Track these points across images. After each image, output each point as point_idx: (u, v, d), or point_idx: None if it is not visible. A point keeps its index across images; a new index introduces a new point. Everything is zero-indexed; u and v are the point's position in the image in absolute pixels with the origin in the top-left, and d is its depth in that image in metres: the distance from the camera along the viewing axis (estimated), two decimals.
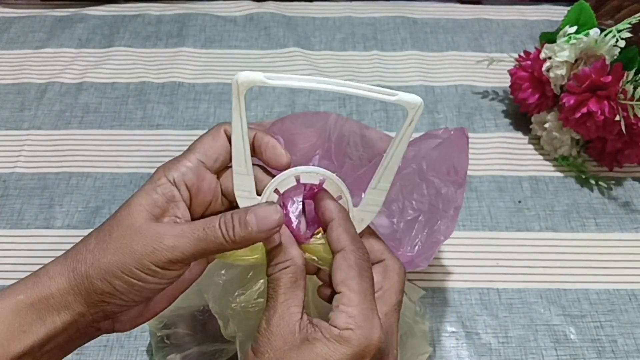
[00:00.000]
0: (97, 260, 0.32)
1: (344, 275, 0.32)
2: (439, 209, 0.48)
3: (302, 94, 0.76)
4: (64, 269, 0.32)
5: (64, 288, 0.32)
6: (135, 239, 0.31)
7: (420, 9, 0.89)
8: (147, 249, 0.31)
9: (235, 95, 0.32)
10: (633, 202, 0.66)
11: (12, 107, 0.75)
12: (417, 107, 0.32)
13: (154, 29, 0.85)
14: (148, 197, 0.33)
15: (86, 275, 0.32)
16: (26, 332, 0.31)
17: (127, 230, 0.32)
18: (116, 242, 0.32)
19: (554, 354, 0.55)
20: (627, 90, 0.61)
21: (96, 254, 0.32)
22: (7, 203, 0.65)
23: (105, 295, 0.32)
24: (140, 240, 0.31)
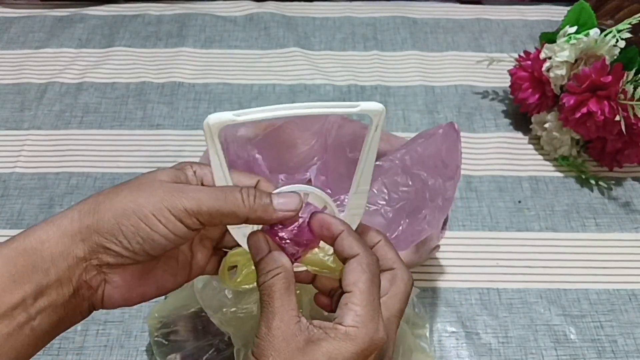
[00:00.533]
0: (109, 199, 0.32)
1: (357, 277, 0.33)
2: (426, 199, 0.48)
3: (302, 95, 0.76)
4: (67, 213, 0.32)
5: (63, 230, 0.31)
6: (157, 186, 0.32)
7: (420, 9, 0.89)
8: (167, 195, 0.32)
9: (209, 137, 0.32)
10: (633, 202, 0.66)
11: (12, 107, 0.75)
12: (379, 113, 0.34)
13: (154, 29, 0.85)
14: (173, 170, 0.34)
15: (94, 211, 0.32)
16: (16, 282, 0.30)
17: (145, 180, 0.33)
18: (136, 188, 0.32)
19: (554, 354, 0.55)
20: (627, 90, 0.61)
21: (110, 194, 0.32)
22: (7, 203, 0.65)
23: (108, 237, 0.31)
24: (160, 188, 0.32)
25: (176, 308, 0.50)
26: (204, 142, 0.74)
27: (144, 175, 0.34)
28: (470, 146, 0.71)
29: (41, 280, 0.31)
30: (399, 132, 0.72)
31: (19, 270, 0.30)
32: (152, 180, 0.33)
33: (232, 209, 0.32)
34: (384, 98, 0.76)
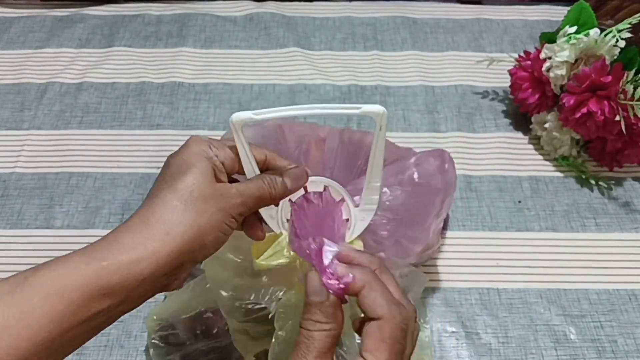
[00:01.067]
0: (192, 220, 0.34)
1: (375, 346, 0.33)
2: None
3: (302, 94, 0.76)
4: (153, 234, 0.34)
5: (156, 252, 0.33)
6: (219, 199, 0.36)
7: (420, 9, 0.89)
8: (229, 204, 0.36)
9: (234, 132, 0.38)
10: (633, 202, 0.66)
11: (12, 107, 0.75)
12: (381, 115, 0.39)
13: (154, 29, 0.85)
14: (207, 164, 0.37)
15: (182, 235, 0.34)
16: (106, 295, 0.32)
17: (209, 192, 0.36)
18: (204, 204, 0.35)
19: (554, 354, 0.55)
20: (627, 90, 0.61)
21: (189, 215, 0.34)
22: (7, 203, 0.65)
23: (195, 253, 0.35)
24: (222, 199, 0.36)
25: (175, 311, 0.50)
26: None
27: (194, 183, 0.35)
28: (470, 146, 0.71)
29: (129, 294, 0.33)
30: (399, 132, 0.72)
31: (111, 286, 0.32)
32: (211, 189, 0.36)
33: (264, 197, 0.38)
34: (384, 98, 0.76)
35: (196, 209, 0.35)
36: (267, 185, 0.39)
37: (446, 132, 0.72)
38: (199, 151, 0.37)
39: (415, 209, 0.49)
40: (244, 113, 0.38)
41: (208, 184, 0.36)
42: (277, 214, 0.40)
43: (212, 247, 0.36)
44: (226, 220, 0.36)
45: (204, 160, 0.37)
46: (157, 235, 0.34)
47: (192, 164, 0.36)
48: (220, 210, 0.36)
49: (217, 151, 0.38)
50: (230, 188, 0.37)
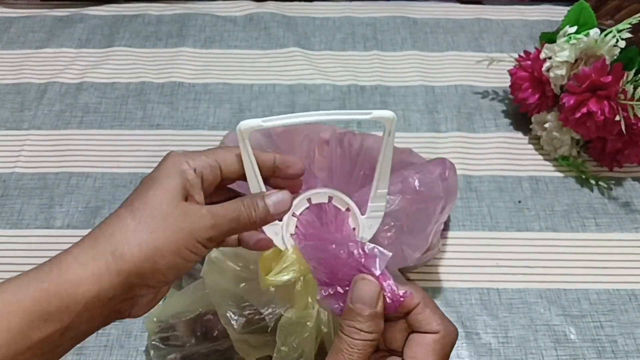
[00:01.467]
0: (142, 240, 0.32)
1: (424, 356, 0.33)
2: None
3: (302, 94, 0.76)
4: (98, 253, 0.32)
5: (98, 274, 0.31)
6: (181, 218, 0.33)
7: (420, 9, 0.89)
8: (194, 226, 0.33)
9: (241, 140, 0.36)
10: (633, 202, 0.66)
11: (12, 107, 0.75)
12: (391, 120, 0.38)
13: (154, 29, 0.85)
14: (176, 181, 0.34)
15: (130, 256, 0.32)
16: (47, 321, 0.30)
17: (170, 210, 0.33)
18: (162, 222, 0.32)
19: (554, 354, 0.55)
20: (627, 90, 0.61)
21: (141, 233, 0.32)
22: (7, 203, 0.65)
23: (145, 277, 0.32)
24: (185, 219, 0.33)
25: (176, 313, 0.49)
26: (204, 142, 0.75)
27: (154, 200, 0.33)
28: (470, 146, 0.71)
29: (72, 320, 0.31)
30: (399, 132, 0.72)
31: (51, 311, 0.30)
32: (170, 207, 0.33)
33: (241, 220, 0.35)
34: (384, 98, 0.76)
35: (150, 228, 0.32)
36: (246, 207, 0.36)
37: (446, 132, 0.72)
38: (170, 166, 0.35)
39: (417, 216, 0.49)
40: (252, 120, 0.36)
41: (170, 202, 0.33)
42: (281, 229, 0.39)
43: (168, 272, 0.33)
44: (188, 245, 0.33)
45: (173, 176, 0.34)
46: (101, 255, 0.31)
47: (159, 180, 0.34)
48: (180, 231, 0.33)
49: (194, 163, 0.35)
50: (200, 209, 0.34)
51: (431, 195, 0.50)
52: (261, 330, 0.44)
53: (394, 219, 0.48)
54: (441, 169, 0.51)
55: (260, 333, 0.45)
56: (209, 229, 0.34)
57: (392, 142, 0.38)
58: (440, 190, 0.50)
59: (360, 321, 0.33)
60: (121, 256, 0.32)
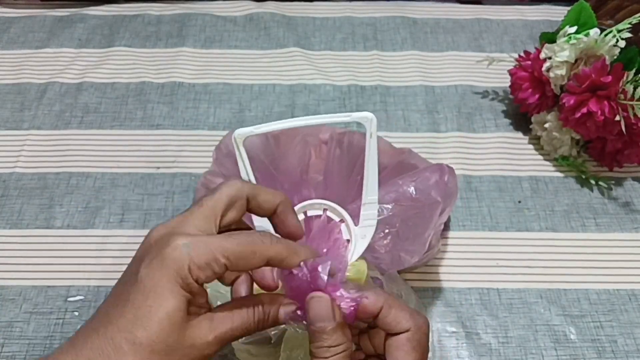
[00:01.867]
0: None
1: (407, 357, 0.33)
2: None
3: (302, 94, 0.76)
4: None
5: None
6: (185, 352, 0.30)
7: (420, 9, 0.89)
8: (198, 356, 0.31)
9: (236, 147, 0.39)
10: (633, 202, 0.66)
11: (12, 107, 0.75)
12: (370, 120, 0.39)
13: (154, 29, 0.85)
14: (182, 301, 0.30)
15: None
16: None
17: (175, 345, 0.30)
18: (169, 355, 0.30)
19: (554, 354, 0.55)
20: (627, 90, 0.61)
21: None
22: (7, 203, 0.65)
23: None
24: (190, 352, 0.30)
25: None
26: (204, 142, 0.75)
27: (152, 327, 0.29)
28: (470, 146, 0.71)
29: None
30: (399, 132, 0.72)
31: None
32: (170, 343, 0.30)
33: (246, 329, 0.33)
34: (384, 98, 0.76)
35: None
36: (256, 321, 0.33)
37: (446, 132, 0.72)
38: (174, 277, 0.30)
39: (413, 222, 0.49)
40: (245, 129, 0.39)
41: (176, 335, 0.30)
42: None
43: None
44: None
45: (177, 294, 0.30)
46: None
47: (162, 298, 0.29)
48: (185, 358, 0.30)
49: (201, 276, 0.30)
50: (207, 333, 0.31)
51: (428, 202, 0.49)
52: (264, 341, 0.44)
53: (389, 225, 0.48)
54: (439, 175, 0.51)
55: (262, 344, 0.44)
56: (214, 353, 0.32)
57: (375, 144, 0.39)
58: (437, 196, 0.50)
59: (325, 339, 0.32)
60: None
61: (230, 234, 0.32)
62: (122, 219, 0.64)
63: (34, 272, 0.59)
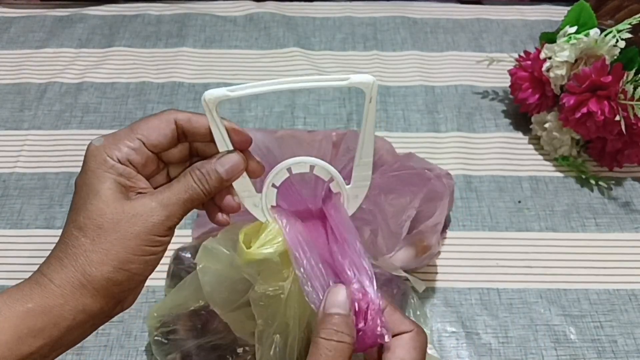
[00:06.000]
0: (105, 256, 0.32)
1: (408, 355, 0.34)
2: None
3: (302, 95, 0.76)
4: (71, 276, 0.32)
5: (77, 294, 0.32)
6: (131, 221, 0.33)
7: (420, 9, 0.89)
8: (148, 225, 0.33)
9: (208, 111, 0.35)
10: (633, 202, 0.66)
11: (12, 107, 0.75)
12: (370, 85, 0.35)
13: (154, 29, 0.85)
14: (109, 180, 0.33)
15: (100, 274, 0.32)
16: (36, 337, 0.31)
17: (118, 217, 0.32)
18: (115, 232, 0.32)
19: (554, 354, 0.55)
20: (627, 90, 0.61)
21: (101, 251, 0.32)
22: (7, 203, 0.65)
23: (124, 283, 0.33)
24: (137, 221, 0.33)
25: (175, 307, 0.49)
26: None
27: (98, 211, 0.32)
28: (470, 146, 0.71)
29: (63, 334, 0.32)
30: (399, 132, 0.72)
31: (39, 327, 0.31)
32: (118, 214, 0.32)
33: (195, 198, 0.34)
34: (384, 98, 0.76)
35: (106, 242, 0.32)
36: (198, 182, 0.35)
37: (446, 132, 0.72)
38: (96, 167, 0.34)
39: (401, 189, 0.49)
40: (218, 90, 0.34)
41: (113, 209, 0.32)
42: (260, 201, 0.37)
43: (143, 271, 0.34)
44: (150, 243, 0.33)
45: (103, 178, 0.33)
46: (74, 277, 0.32)
47: (91, 186, 0.33)
48: (137, 235, 0.32)
49: (117, 153, 0.34)
50: (149, 201, 0.33)
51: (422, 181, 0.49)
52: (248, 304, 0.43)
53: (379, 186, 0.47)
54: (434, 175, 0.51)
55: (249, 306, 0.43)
56: (165, 220, 0.33)
57: (374, 109, 0.37)
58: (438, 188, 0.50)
59: (336, 323, 0.33)
60: (92, 277, 0.32)
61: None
62: None
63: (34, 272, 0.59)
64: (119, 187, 0.33)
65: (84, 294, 0.32)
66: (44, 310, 0.31)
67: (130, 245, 0.32)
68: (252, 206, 0.37)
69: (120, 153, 0.34)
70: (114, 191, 0.33)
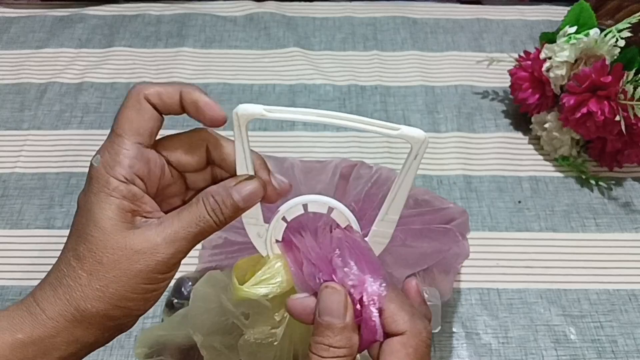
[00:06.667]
0: (102, 293, 0.30)
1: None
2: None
3: (302, 95, 0.76)
4: (64, 309, 0.30)
5: (70, 327, 0.30)
6: (133, 258, 0.30)
7: (420, 9, 0.89)
8: (151, 263, 0.30)
9: (237, 127, 0.32)
10: (633, 202, 0.66)
11: (12, 107, 0.75)
12: (420, 142, 0.31)
13: (154, 29, 0.85)
14: (112, 206, 0.30)
15: (95, 310, 0.30)
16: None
17: (119, 253, 0.30)
18: (114, 269, 0.30)
19: (554, 354, 0.55)
20: (627, 90, 0.61)
21: (98, 288, 0.30)
22: (7, 203, 0.65)
23: (121, 319, 0.32)
24: (139, 258, 0.30)
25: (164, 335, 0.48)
26: None
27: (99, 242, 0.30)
28: (470, 146, 0.71)
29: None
30: None
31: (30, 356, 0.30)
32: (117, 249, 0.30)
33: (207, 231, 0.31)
34: (384, 98, 0.76)
35: (105, 279, 0.30)
36: (212, 213, 0.31)
37: (446, 132, 0.72)
38: (99, 189, 0.31)
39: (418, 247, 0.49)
40: (253, 106, 0.31)
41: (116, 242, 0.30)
42: (266, 232, 0.34)
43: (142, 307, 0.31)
44: (150, 282, 0.30)
45: (107, 203, 0.30)
46: (66, 309, 0.30)
47: (94, 213, 0.30)
48: (138, 273, 0.30)
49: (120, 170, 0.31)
50: (155, 236, 0.30)
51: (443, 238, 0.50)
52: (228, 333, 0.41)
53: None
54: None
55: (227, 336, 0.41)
56: (170, 258, 0.30)
57: (417, 167, 0.32)
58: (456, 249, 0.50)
59: (329, 336, 0.29)
60: (87, 312, 0.30)
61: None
62: None
63: (34, 272, 0.59)
64: (121, 213, 0.30)
65: (77, 327, 0.30)
66: (34, 341, 0.30)
67: (130, 284, 0.30)
68: (256, 236, 0.34)
69: (123, 169, 0.31)
70: (116, 221, 0.30)
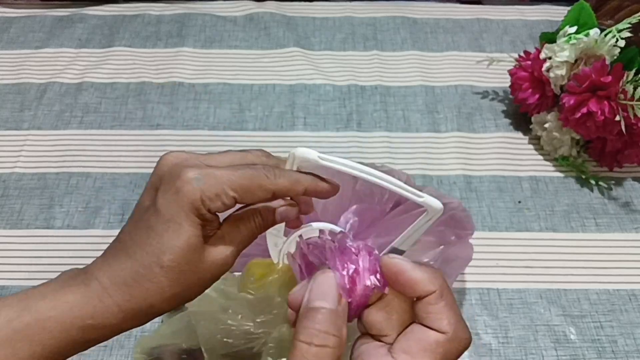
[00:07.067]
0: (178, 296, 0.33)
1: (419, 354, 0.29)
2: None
3: (302, 95, 0.76)
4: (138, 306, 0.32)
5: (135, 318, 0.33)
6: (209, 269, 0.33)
7: (420, 9, 0.89)
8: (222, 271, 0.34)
9: (289, 164, 0.35)
10: (633, 202, 0.66)
11: (12, 107, 0.74)
12: (437, 211, 0.36)
13: (154, 29, 0.85)
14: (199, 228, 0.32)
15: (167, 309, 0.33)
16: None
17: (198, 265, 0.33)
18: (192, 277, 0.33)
19: (554, 354, 0.55)
20: (627, 90, 0.61)
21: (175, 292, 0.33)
22: (7, 203, 0.65)
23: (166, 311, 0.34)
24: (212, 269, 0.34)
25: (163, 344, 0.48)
26: (204, 143, 0.74)
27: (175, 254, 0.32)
28: (470, 146, 0.71)
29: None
30: (399, 132, 0.72)
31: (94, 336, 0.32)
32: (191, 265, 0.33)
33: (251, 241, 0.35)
34: (384, 98, 0.76)
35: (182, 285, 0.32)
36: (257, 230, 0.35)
37: (446, 132, 0.72)
38: (190, 209, 0.32)
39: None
40: (310, 152, 0.34)
41: (198, 256, 0.33)
42: (282, 244, 0.37)
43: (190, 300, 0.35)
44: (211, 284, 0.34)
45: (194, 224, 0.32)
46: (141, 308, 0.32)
47: (182, 228, 0.32)
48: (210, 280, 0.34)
49: (212, 206, 0.32)
50: (225, 250, 0.34)
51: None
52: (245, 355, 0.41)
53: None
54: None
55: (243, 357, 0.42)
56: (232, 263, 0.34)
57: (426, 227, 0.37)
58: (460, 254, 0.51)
59: (319, 320, 0.28)
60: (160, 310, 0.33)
61: (237, 167, 0.33)
62: (122, 219, 0.64)
63: (34, 272, 0.59)
64: (201, 233, 0.33)
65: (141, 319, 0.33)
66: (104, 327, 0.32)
67: (200, 289, 0.34)
68: (273, 245, 0.38)
69: (216, 206, 0.32)
70: (199, 238, 0.32)
